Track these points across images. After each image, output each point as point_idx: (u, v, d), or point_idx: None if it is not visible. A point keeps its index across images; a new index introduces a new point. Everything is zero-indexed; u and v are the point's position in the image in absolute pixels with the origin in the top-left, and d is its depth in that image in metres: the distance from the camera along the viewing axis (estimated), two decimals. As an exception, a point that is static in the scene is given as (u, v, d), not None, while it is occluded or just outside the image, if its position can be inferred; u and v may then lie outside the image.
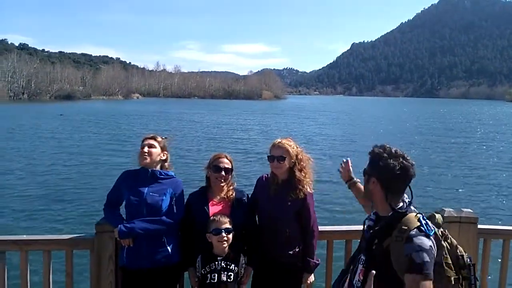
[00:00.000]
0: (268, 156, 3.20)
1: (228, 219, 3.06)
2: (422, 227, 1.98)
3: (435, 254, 1.97)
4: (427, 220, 2.05)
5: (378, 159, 2.15)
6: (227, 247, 3.05)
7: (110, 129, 33.45)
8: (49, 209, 11.03)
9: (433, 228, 2.03)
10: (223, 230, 2.99)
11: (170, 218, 3.09)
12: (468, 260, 2.11)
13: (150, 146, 3.20)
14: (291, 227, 3.15)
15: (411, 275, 1.90)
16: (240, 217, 3.18)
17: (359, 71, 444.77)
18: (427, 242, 1.94)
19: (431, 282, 1.89)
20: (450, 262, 2.07)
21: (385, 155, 2.13)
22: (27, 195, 12.39)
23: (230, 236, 3.02)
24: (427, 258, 1.90)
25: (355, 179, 3.02)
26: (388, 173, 2.11)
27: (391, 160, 2.10)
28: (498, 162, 20.18)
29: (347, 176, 3.05)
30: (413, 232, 1.97)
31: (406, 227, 1.99)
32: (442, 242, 2.07)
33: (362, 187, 2.79)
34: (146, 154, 3.17)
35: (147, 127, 35.19)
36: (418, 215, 2.06)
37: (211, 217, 3.06)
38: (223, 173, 3.20)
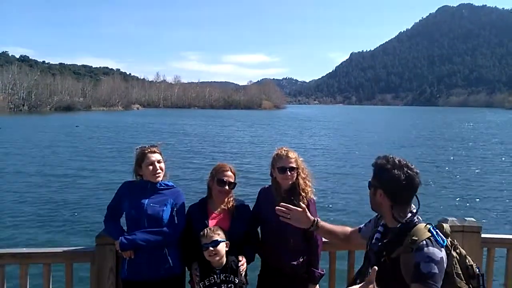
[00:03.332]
0: (278, 168, 3.15)
1: (218, 231, 2.99)
2: (432, 237, 1.96)
3: (446, 266, 1.94)
4: (438, 231, 2.02)
5: (382, 170, 2.12)
6: (222, 259, 2.98)
7: (110, 139, 33.44)
8: (48, 221, 10.96)
9: (444, 239, 2.00)
10: (209, 245, 2.93)
11: (172, 229, 3.05)
12: (477, 270, 2.07)
13: (159, 161, 3.16)
14: (294, 238, 3.12)
15: (417, 284, 1.87)
16: (240, 228, 3.15)
17: (358, 80, 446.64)
18: (438, 254, 1.91)
19: None
20: (460, 272, 2.02)
21: (389, 166, 2.10)
22: (26, 207, 12.31)
23: (219, 247, 2.94)
24: (435, 269, 1.87)
25: (316, 220, 2.75)
26: (394, 184, 2.08)
27: (396, 171, 2.08)
28: (501, 171, 20.11)
29: (306, 221, 2.73)
30: (423, 243, 1.94)
31: (416, 238, 1.97)
32: (452, 251, 2.04)
33: (328, 225, 2.79)
34: (159, 171, 3.14)
35: (147, 137, 35.16)
36: (428, 225, 2.04)
37: (200, 233, 2.98)
38: (227, 187, 3.16)
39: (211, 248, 2.92)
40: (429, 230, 1.99)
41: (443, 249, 1.95)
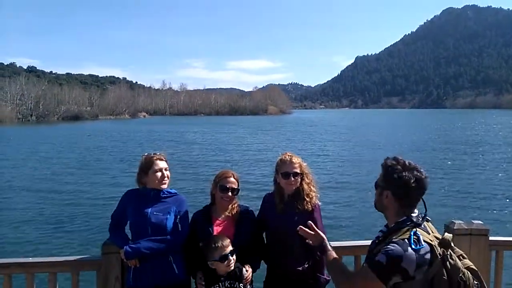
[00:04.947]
0: (282, 173, 3.16)
1: (229, 240, 2.99)
2: (407, 240, 1.96)
3: (411, 269, 1.91)
4: (420, 236, 1.97)
5: (392, 171, 2.09)
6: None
7: (116, 148, 33.60)
8: (55, 231, 11.01)
9: (422, 244, 1.95)
10: (229, 255, 2.93)
11: (175, 236, 3.07)
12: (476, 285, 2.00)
13: (165, 169, 3.18)
14: (299, 243, 3.10)
15: (365, 263, 1.98)
16: (245, 234, 3.15)
17: (364, 84, 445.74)
18: (397, 251, 1.92)
19: (366, 279, 1.93)
20: (447, 284, 1.97)
21: (399, 167, 2.08)
22: (33, 217, 12.38)
23: (234, 256, 2.97)
24: (383, 261, 1.91)
25: (328, 244, 2.53)
26: (403, 186, 2.06)
27: (406, 173, 2.06)
28: (509, 173, 19.89)
29: (319, 239, 2.59)
30: (394, 240, 1.99)
31: (394, 237, 2.02)
32: (438, 260, 1.97)
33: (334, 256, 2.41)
34: (166, 179, 3.17)
35: (154, 146, 35.24)
36: (414, 229, 2.02)
37: (213, 245, 2.95)
38: (229, 193, 3.17)
39: (230, 258, 2.94)
40: (410, 233, 1.99)
41: (413, 253, 1.91)
